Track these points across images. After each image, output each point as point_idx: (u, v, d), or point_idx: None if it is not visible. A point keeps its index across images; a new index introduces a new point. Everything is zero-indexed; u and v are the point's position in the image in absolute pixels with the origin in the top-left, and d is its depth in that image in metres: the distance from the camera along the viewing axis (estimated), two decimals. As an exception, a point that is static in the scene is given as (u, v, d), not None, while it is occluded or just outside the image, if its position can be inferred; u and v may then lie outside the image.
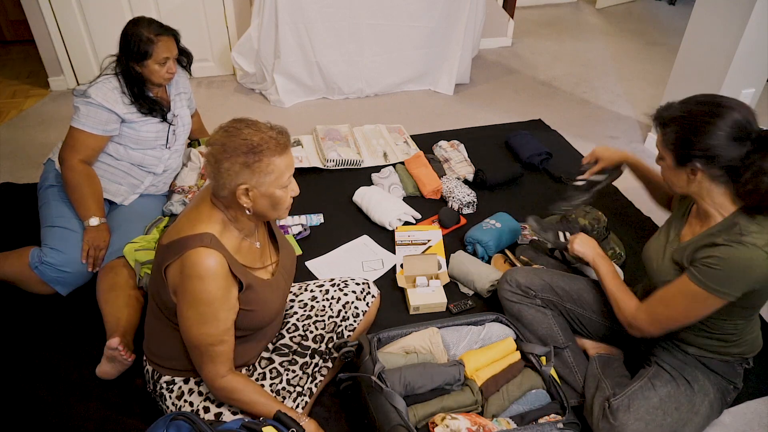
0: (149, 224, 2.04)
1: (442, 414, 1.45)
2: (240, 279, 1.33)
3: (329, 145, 2.81)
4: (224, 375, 1.35)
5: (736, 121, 1.27)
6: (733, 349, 1.51)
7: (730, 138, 1.27)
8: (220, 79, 3.70)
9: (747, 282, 1.30)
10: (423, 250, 2.23)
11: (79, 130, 1.93)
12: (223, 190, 1.29)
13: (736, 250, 1.28)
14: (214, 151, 1.26)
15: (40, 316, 1.89)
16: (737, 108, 1.29)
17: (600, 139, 3.14)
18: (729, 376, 1.54)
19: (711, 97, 1.33)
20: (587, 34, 4.69)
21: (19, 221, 2.30)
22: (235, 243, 1.37)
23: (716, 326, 1.47)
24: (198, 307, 1.28)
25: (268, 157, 1.27)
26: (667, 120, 1.36)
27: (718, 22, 2.60)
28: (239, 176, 1.26)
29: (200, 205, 1.36)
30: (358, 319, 1.70)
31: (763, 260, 1.27)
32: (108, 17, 3.25)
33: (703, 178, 1.35)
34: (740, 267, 1.28)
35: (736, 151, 1.28)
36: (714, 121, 1.28)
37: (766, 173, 1.25)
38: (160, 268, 1.32)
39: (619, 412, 1.46)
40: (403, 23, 3.35)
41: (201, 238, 1.28)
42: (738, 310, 1.42)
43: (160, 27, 1.97)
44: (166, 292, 1.33)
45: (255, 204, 1.32)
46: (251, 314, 1.39)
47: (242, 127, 1.28)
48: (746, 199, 1.31)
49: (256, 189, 1.29)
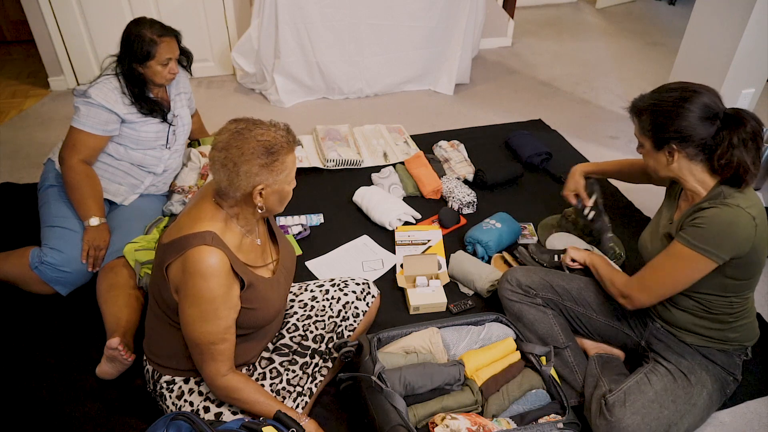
0: (149, 224, 2.04)
1: (442, 414, 1.45)
2: (242, 277, 1.34)
3: (329, 145, 2.81)
4: (225, 374, 1.35)
5: (704, 103, 1.40)
6: (730, 334, 1.53)
7: (700, 118, 1.40)
8: (220, 79, 3.70)
9: (733, 242, 1.37)
10: (423, 250, 2.23)
11: (79, 130, 1.93)
12: (237, 192, 1.29)
13: (721, 210, 1.38)
14: (232, 156, 1.25)
15: (40, 316, 1.89)
16: (704, 91, 1.42)
17: (600, 138, 3.14)
18: (728, 367, 1.56)
19: (679, 84, 1.46)
20: (587, 34, 4.69)
21: (19, 221, 2.30)
22: (236, 241, 1.37)
23: (711, 304, 1.50)
24: (199, 305, 1.28)
25: (283, 156, 1.29)
26: (641, 109, 1.49)
27: (718, 22, 2.60)
28: (257, 177, 1.28)
29: (202, 203, 1.36)
30: (358, 319, 1.70)
31: (747, 220, 1.37)
32: (108, 17, 3.24)
33: (680, 158, 1.46)
34: (725, 225, 1.37)
35: (707, 129, 1.40)
36: (684, 105, 1.40)
37: (735, 147, 1.38)
38: (162, 266, 1.32)
39: (615, 408, 1.47)
40: (403, 23, 3.35)
41: (203, 237, 1.28)
42: (730, 284, 1.46)
43: (162, 28, 1.97)
44: (168, 290, 1.33)
45: (266, 201, 1.34)
46: (252, 313, 1.39)
47: (251, 128, 1.28)
48: (722, 172, 1.42)
49: (269, 187, 1.31)
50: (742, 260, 1.41)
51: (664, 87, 1.48)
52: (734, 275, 1.44)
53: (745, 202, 1.38)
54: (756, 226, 1.37)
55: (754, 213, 1.37)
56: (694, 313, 1.54)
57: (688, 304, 1.54)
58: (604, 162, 2.08)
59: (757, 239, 1.38)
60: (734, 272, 1.43)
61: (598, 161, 2.89)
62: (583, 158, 2.93)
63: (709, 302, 1.51)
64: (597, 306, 1.74)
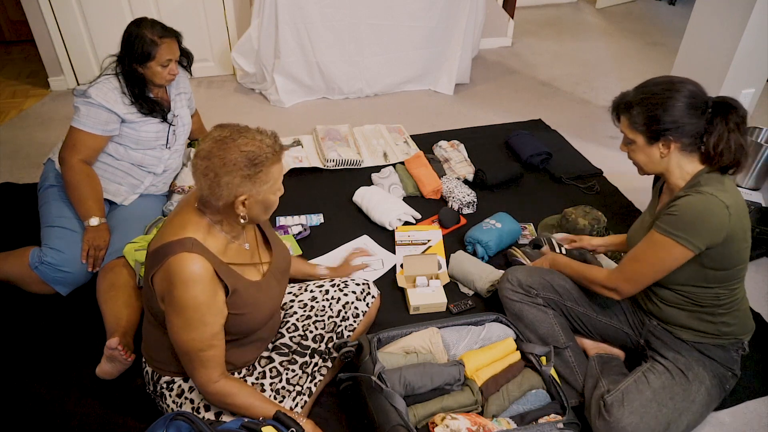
0: (149, 224, 2.04)
1: (442, 414, 1.45)
2: (225, 282, 1.31)
3: (329, 145, 2.81)
4: (216, 380, 1.33)
5: (693, 92, 1.43)
6: (723, 327, 1.54)
7: (691, 107, 1.42)
8: (220, 79, 3.70)
9: (706, 229, 1.38)
10: (423, 250, 2.23)
11: (79, 130, 1.93)
12: (218, 201, 1.26)
13: (694, 198, 1.40)
14: (213, 166, 1.22)
15: (40, 316, 1.89)
16: (688, 82, 1.45)
17: (600, 139, 3.14)
18: (726, 362, 1.57)
19: (664, 78, 1.48)
20: (587, 34, 4.69)
21: (19, 221, 2.30)
22: (220, 246, 1.34)
23: (697, 297, 1.52)
24: (184, 313, 1.26)
25: (267, 167, 1.26)
26: (630, 104, 1.49)
27: (718, 22, 2.60)
28: (239, 188, 1.25)
29: (184, 211, 1.33)
30: (358, 319, 1.70)
31: (721, 208, 1.37)
32: (108, 17, 3.25)
33: (674, 150, 1.46)
34: (697, 212, 1.39)
35: (700, 118, 1.42)
36: (674, 96, 1.42)
37: (732, 131, 1.40)
38: (148, 276, 1.30)
39: (614, 408, 1.48)
40: (403, 23, 3.35)
41: (182, 243, 1.25)
42: (711, 275, 1.47)
43: (163, 29, 1.97)
44: (155, 300, 1.31)
45: (249, 211, 1.31)
46: (241, 318, 1.37)
47: (235, 137, 1.24)
48: (717, 159, 1.43)
49: (253, 198, 1.28)
50: (718, 250, 1.42)
51: (649, 82, 1.49)
52: (713, 265, 1.45)
53: (720, 191, 1.39)
54: (729, 215, 1.37)
55: (728, 201, 1.38)
56: (683, 307, 1.55)
57: (676, 299, 1.55)
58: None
59: (732, 228, 1.38)
60: (712, 262, 1.44)
61: (597, 161, 2.90)
62: (583, 158, 2.93)
63: (695, 295, 1.52)
64: (598, 306, 1.74)
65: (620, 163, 2.88)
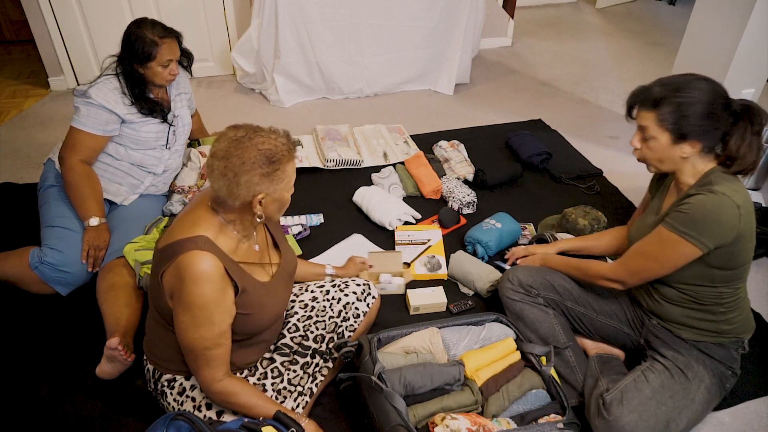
0: (149, 224, 2.04)
1: (442, 414, 1.45)
2: (235, 281, 1.32)
3: (329, 145, 2.81)
4: (221, 379, 1.34)
5: (722, 93, 1.40)
6: (724, 326, 1.54)
7: (723, 108, 1.39)
8: (220, 79, 3.70)
9: (717, 228, 1.37)
10: (423, 250, 2.23)
11: (79, 130, 1.93)
12: (236, 201, 1.27)
13: (706, 197, 1.38)
14: (233, 165, 1.23)
15: (40, 316, 1.89)
16: (714, 81, 1.41)
17: (600, 138, 3.14)
18: (726, 360, 1.57)
19: (690, 75, 1.43)
20: (587, 34, 4.69)
21: (19, 221, 2.30)
22: (232, 245, 1.35)
23: (700, 295, 1.51)
24: (193, 311, 1.26)
25: (284, 164, 1.28)
26: (658, 101, 1.43)
27: (718, 22, 2.60)
28: (258, 187, 1.26)
29: (197, 209, 1.34)
30: (359, 319, 1.70)
31: (732, 208, 1.36)
32: (108, 17, 3.25)
33: (697, 150, 1.43)
34: (709, 211, 1.37)
35: (727, 120, 1.40)
36: (707, 97, 1.39)
37: (756, 134, 1.39)
38: (157, 273, 1.31)
39: (612, 406, 1.48)
40: (403, 23, 3.35)
41: (194, 241, 1.26)
42: (717, 274, 1.46)
43: (163, 29, 1.97)
44: (163, 297, 1.32)
45: (266, 210, 1.32)
46: (247, 318, 1.37)
47: (251, 136, 1.25)
48: (738, 162, 1.41)
49: (270, 196, 1.29)
50: (726, 249, 1.41)
51: (677, 79, 1.43)
52: (720, 265, 1.44)
53: (732, 191, 1.38)
54: (740, 215, 1.37)
55: (739, 201, 1.37)
56: (685, 305, 1.55)
57: (679, 296, 1.54)
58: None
59: (741, 228, 1.38)
60: (720, 262, 1.44)
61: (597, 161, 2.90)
62: (583, 158, 2.93)
63: (699, 293, 1.51)
64: (598, 306, 1.74)
65: (620, 163, 2.89)
